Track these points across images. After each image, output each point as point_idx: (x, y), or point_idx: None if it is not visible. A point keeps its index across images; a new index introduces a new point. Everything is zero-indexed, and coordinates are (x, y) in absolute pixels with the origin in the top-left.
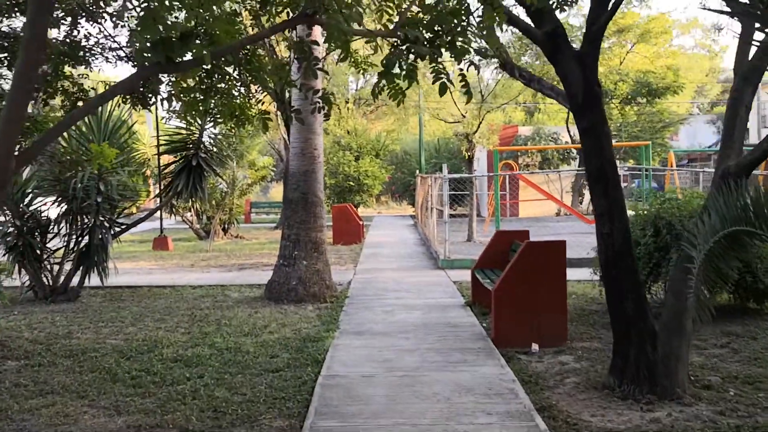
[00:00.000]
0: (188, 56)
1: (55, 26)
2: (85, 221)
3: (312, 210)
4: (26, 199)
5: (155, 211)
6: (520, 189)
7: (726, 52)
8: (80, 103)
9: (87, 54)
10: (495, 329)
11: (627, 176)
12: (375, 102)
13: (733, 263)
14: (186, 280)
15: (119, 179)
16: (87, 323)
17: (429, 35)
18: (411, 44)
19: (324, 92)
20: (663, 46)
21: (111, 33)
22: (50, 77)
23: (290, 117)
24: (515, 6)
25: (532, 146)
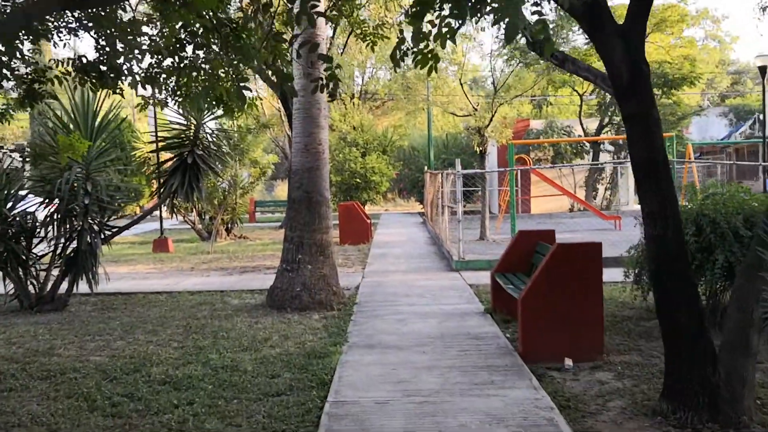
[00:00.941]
0: None
1: None
2: (74, 224)
3: (317, 210)
4: (9, 202)
5: (149, 213)
6: (532, 184)
7: (737, 43)
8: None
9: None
10: (522, 342)
11: None
12: (382, 96)
13: None
14: (183, 286)
15: (109, 179)
16: (71, 337)
17: None
18: None
19: (329, 65)
20: (678, 36)
21: None
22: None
23: (289, 96)
24: None
25: (545, 140)
